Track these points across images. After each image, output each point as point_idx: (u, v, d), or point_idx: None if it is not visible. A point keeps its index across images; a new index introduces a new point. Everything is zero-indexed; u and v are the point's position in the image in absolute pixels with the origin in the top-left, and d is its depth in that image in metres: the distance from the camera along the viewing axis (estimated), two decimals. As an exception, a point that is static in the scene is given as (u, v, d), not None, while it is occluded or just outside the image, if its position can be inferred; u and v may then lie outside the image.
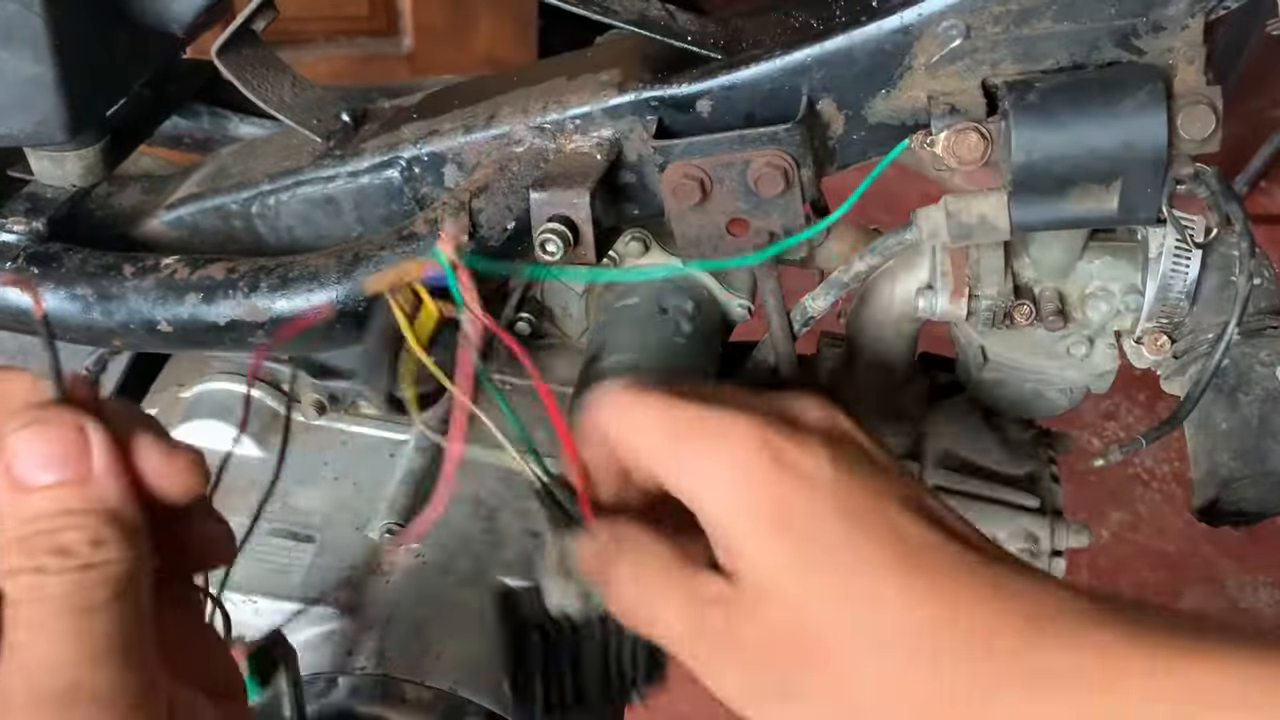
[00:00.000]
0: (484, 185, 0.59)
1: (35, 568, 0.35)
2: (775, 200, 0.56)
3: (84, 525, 0.36)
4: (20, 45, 0.57)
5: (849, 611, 0.42)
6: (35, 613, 0.35)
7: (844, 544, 0.42)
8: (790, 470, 0.43)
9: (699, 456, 0.44)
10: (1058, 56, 0.53)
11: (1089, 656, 0.39)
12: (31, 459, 0.36)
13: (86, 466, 0.36)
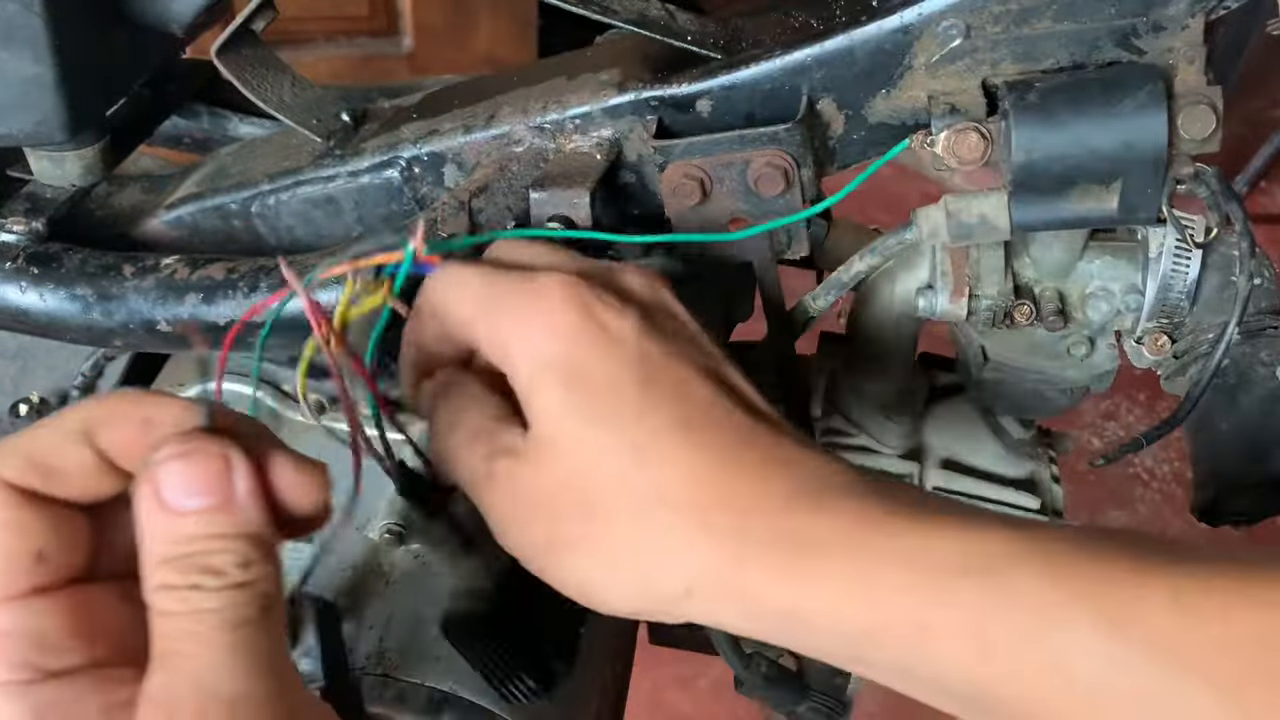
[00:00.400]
0: (484, 185, 0.59)
1: (191, 585, 0.37)
2: (775, 200, 0.56)
3: (232, 548, 0.38)
4: (20, 45, 0.57)
5: (622, 465, 0.43)
6: (195, 626, 0.37)
7: (631, 402, 0.44)
8: (595, 327, 0.45)
9: (511, 315, 0.45)
10: (1058, 56, 0.53)
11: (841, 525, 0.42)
12: (180, 486, 0.38)
13: (231, 492, 0.38)
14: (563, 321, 0.45)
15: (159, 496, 0.38)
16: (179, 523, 0.38)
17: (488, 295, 0.46)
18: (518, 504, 0.45)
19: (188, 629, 0.37)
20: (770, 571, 0.42)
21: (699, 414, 0.44)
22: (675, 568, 0.43)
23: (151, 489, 0.38)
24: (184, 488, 0.38)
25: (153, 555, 0.38)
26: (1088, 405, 2.07)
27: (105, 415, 0.40)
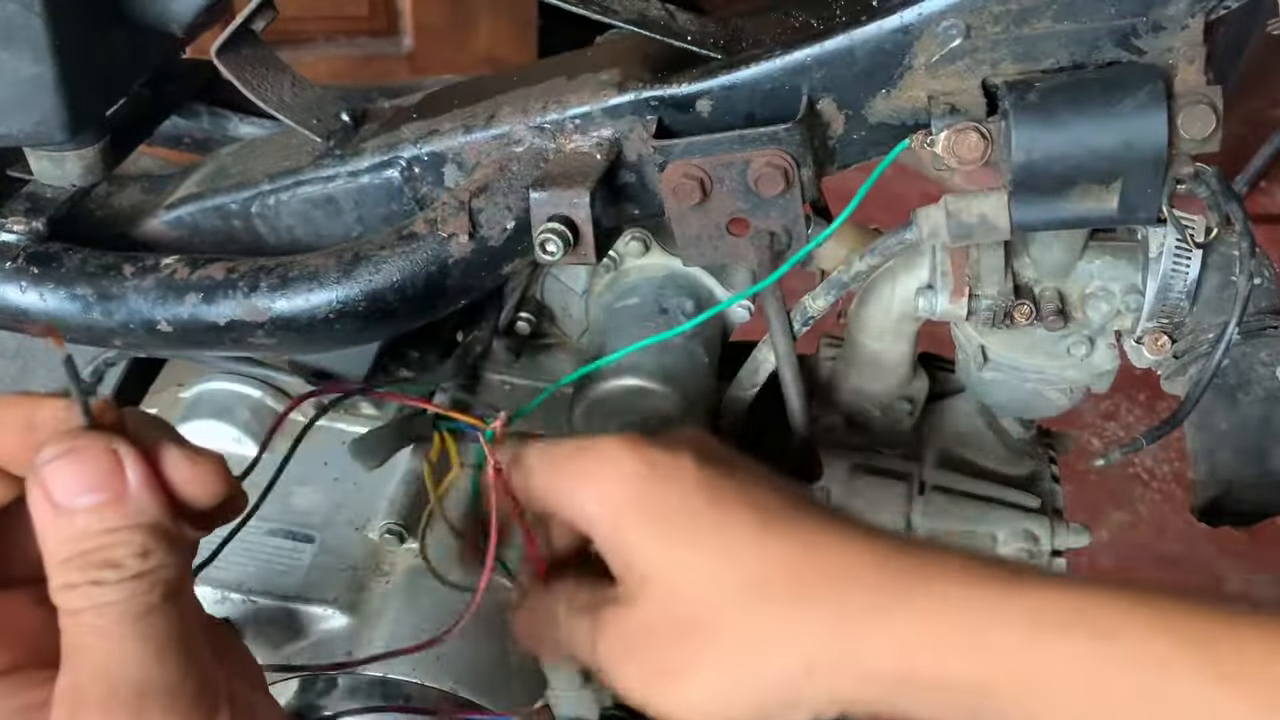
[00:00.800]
0: (484, 185, 0.59)
1: (91, 581, 0.37)
2: (775, 200, 0.56)
3: (129, 540, 0.38)
4: (20, 45, 0.57)
5: (714, 571, 0.46)
6: (98, 620, 0.37)
7: (707, 518, 0.47)
8: (660, 468, 0.48)
9: (581, 476, 0.49)
10: (1058, 56, 0.53)
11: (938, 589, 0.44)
12: (69, 484, 0.38)
13: (122, 485, 0.38)
14: (630, 468, 0.48)
15: (50, 498, 0.38)
16: (73, 521, 0.38)
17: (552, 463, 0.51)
18: (626, 642, 0.48)
19: (91, 623, 0.37)
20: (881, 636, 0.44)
21: (772, 513, 0.47)
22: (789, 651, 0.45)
23: (42, 491, 0.38)
24: (73, 486, 0.38)
25: (53, 556, 0.38)
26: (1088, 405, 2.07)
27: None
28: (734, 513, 0.47)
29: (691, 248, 0.59)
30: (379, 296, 0.59)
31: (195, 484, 0.40)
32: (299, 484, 0.75)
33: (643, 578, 0.47)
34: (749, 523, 0.47)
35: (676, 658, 0.46)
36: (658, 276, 0.76)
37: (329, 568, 0.70)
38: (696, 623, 0.45)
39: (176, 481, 0.40)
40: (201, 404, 0.76)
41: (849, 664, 0.44)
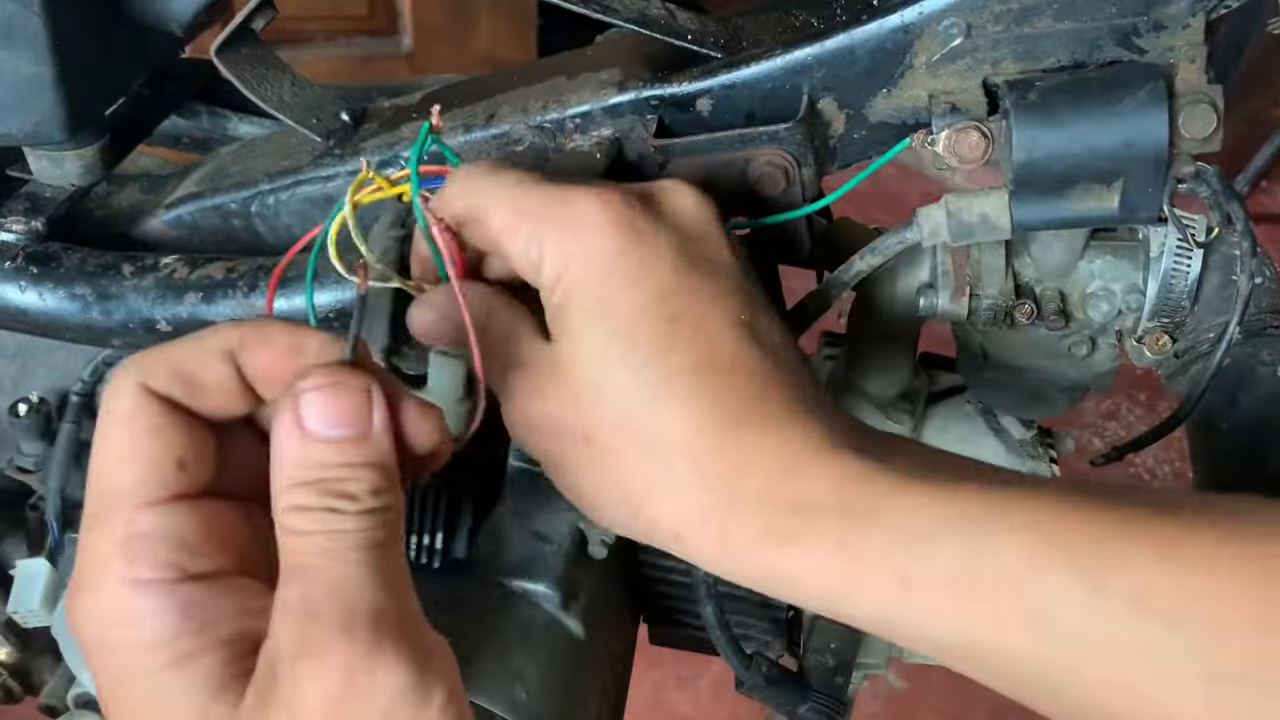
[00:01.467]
0: (484, 184, 0.59)
1: (327, 508, 0.38)
2: (776, 199, 0.56)
3: (365, 477, 0.39)
4: (19, 45, 0.57)
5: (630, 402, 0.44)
6: (332, 544, 0.38)
7: (652, 338, 0.44)
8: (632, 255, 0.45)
9: (547, 232, 0.45)
10: (1059, 55, 0.53)
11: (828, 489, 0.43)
12: (323, 415, 0.39)
13: (368, 425, 0.39)
14: (599, 247, 0.45)
15: (300, 422, 0.39)
16: (316, 449, 0.39)
17: (524, 206, 0.46)
18: (532, 421, 0.47)
19: (325, 546, 0.38)
20: (757, 533, 0.44)
21: (720, 360, 0.45)
22: (664, 512, 0.45)
23: (293, 414, 0.39)
24: (327, 416, 0.39)
25: (287, 477, 0.39)
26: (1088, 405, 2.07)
27: (253, 338, 0.41)
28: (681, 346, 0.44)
29: (692, 247, 0.59)
30: (379, 296, 0.59)
31: (422, 435, 0.41)
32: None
33: (567, 362, 0.45)
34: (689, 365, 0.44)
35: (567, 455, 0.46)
36: (658, 276, 0.76)
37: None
38: (593, 439, 0.45)
39: (406, 428, 0.41)
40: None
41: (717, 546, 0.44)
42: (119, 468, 0.39)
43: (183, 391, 0.40)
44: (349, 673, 0.36)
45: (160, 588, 0.38)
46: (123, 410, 0.39)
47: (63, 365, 0.80)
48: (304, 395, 0.39)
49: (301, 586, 0.38)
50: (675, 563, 0.71)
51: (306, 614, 0.37)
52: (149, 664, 0.37)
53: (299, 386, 0.39)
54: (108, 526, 0.39)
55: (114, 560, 0.38)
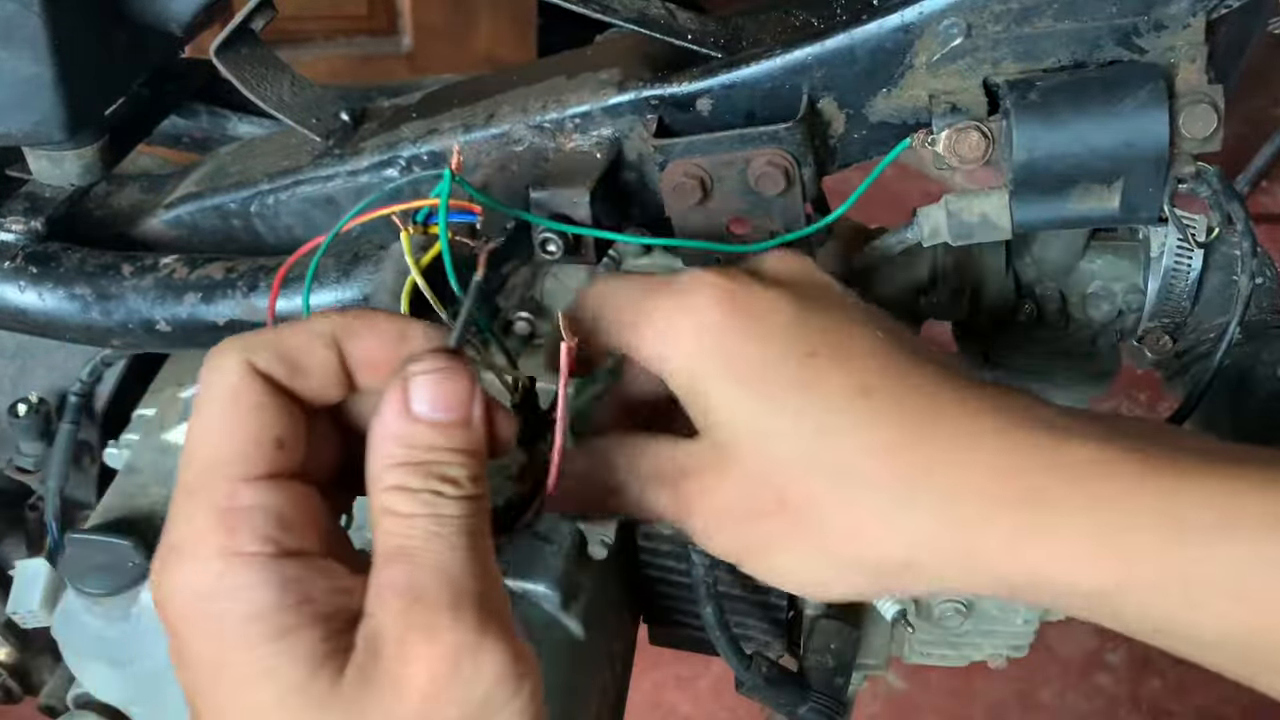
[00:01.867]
0: (484, 184, 0.59)
1: (431, 490, 0.39)
2: (776, 199, 0.56)
3: (465, 464, 0.40)
4: (19, 45, 0.57)
5: (806, 446, 0.42)
6: (436, 527, 0.39)
7: (797, 379, 0.42)
8: (745, 316, 0.43)
9: (660, 316, 0.45)
10: (1059, 55, 0.53)
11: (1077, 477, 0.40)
12: (430, 398, 0.40)
13: (470, 414, 0.40)
14: (710, 316, 0.44)
15: (408, 404, 0.40)
16: (422, 431, 0.40)
17: (632, 300, 0.46)
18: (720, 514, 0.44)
19: (428, 529, 0.38)
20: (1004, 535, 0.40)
21: (875, 378, 0.43)
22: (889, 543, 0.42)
23: (401, 395, 0.40)
24: (434, 400, 0.40)
25: (389, 455, 0.39)
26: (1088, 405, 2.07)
27: (358, 325, 0.42)
28: (831, 376, 0.42)
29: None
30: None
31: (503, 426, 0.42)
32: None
33: (726, 443, 0.43)
34: (848, 389, 0.42)
35: (765, 534, 0.43)
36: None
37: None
38: (785, 502, 0.42)
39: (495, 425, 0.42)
40: (201, 404, 0.76)
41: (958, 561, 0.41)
42: (221, 441, 0.39)
43: (285, 372, 0.40)
44: (456, 654, 0.37)
45: (259, 560, 0.38)
46: (227, 385, 0.40)
47: (62, 365, 0.80)
48: (415, 378, 0.40)
49: (406, 568, 0.38)
50: (675, 563, 0.70)
51: (414, 595, 0.37)
52: (249, 637, 0.37)
53: (410, 369, 0.40)
54: (207, 498, 0.38)
55: (213, 532, 0.38)
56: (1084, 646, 1.75)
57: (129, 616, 0.70)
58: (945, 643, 0.79)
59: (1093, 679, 1.73)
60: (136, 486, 0.74)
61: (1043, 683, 1.71)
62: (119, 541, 0.69)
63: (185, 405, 0.76)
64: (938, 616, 0.76)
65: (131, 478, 0.74)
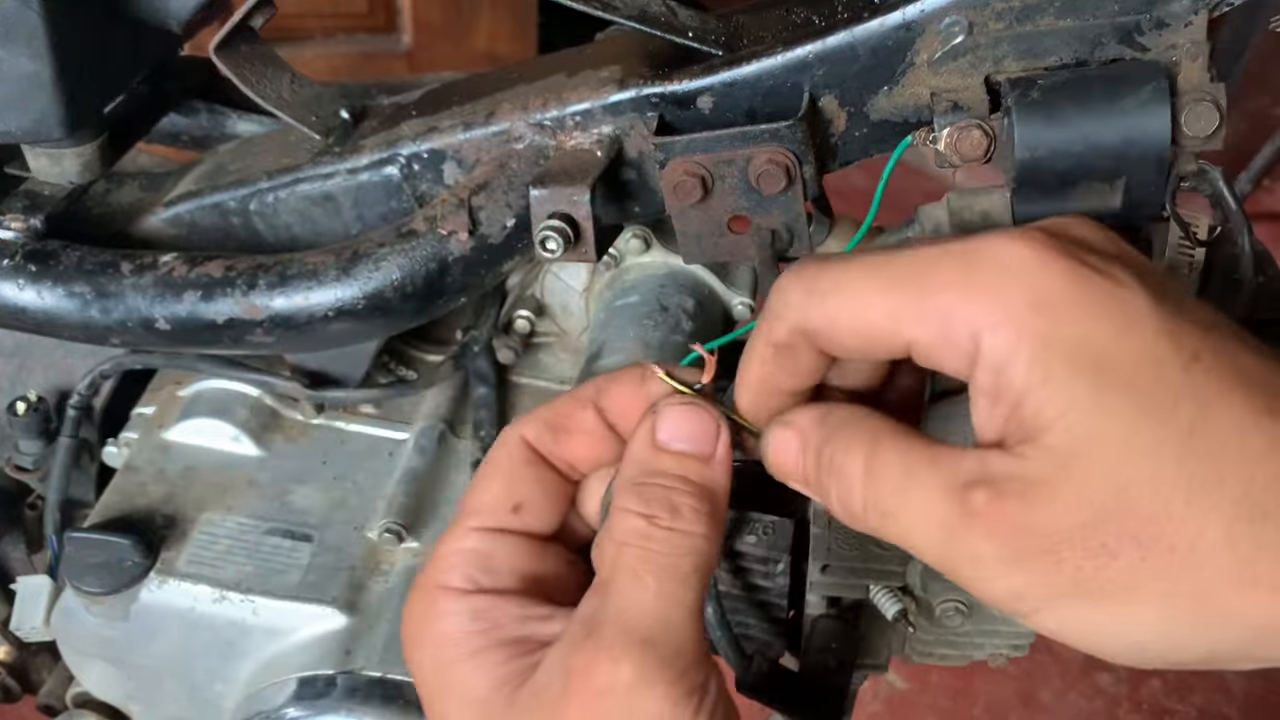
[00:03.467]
0: (484, 182, 0.59)
1: (648, 515, 0.41)
2: (777, 198, 0.56)
3: (694, 495, 0.42)
4: (18, 42, 0.57)
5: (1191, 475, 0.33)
6: (638, 563, 0.41)
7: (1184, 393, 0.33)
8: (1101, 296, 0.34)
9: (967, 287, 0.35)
10: (1061, 53, 0.53)
11: None
12: (674, 427, 0.43)
13: (711, 450, 0.43)
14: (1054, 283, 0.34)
15: (655, 432, 0.43)
16: (661, 457, 0.43)
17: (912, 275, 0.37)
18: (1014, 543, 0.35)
19: (630, 565, 0.41)
20: None
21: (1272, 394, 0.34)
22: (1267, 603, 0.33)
23: (650, 424, 0.44)
24: (677, 430, 0.43)
25: (626, 478, 0.43)
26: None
27: (607, 381, 0.46)
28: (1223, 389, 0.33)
29: (692, 245, 0.59)
30: (378, 295, 0.59)
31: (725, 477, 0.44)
32: (297, 483, 0.74)
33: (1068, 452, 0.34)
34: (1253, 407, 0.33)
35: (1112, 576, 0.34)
36: (658, 274, 0.76)
37: (327, 567, 0.70)
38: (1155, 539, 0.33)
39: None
40: (200, 402, 0.76)
41: None
42: (478, 494, 0.46)
43: (550, 439, 0.46)
44: (607, 698, 0.39)
45: (460, 594, 0.44)
46: (500, 452, 0.46)
47: (61, 364, 0.80)
48: (663, 409, 0.44)
49: (598, 600, 0.41)
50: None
51: (591, 628, 0.40)
52: (448, 655, 0.43)
53: (661, 403, 0.44)
54: (449, 536, 0.46)
55: (438, 566, 0.45)
56: (1084, 646, 1.75)
57: (128, 615, 0.70)
58: (946, 642, 0.79)
59: (1093, 678, 1.72)
60: (136, 485, 0.74)
61: (1043, 682, 1.71)
62: (118, 540, 0.69)
63: (184, 404, 0.76)
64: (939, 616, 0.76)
65: (130, 476, 0.74)
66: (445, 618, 0.44)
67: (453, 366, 0.75)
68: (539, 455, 0.46)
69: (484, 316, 0.77)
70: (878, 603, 0.75)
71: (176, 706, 0.74)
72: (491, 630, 0.43)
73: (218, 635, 0.69)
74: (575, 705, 0.39)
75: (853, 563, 0.70)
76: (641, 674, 0.39)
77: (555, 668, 0.41)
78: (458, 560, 0.45)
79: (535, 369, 0.81)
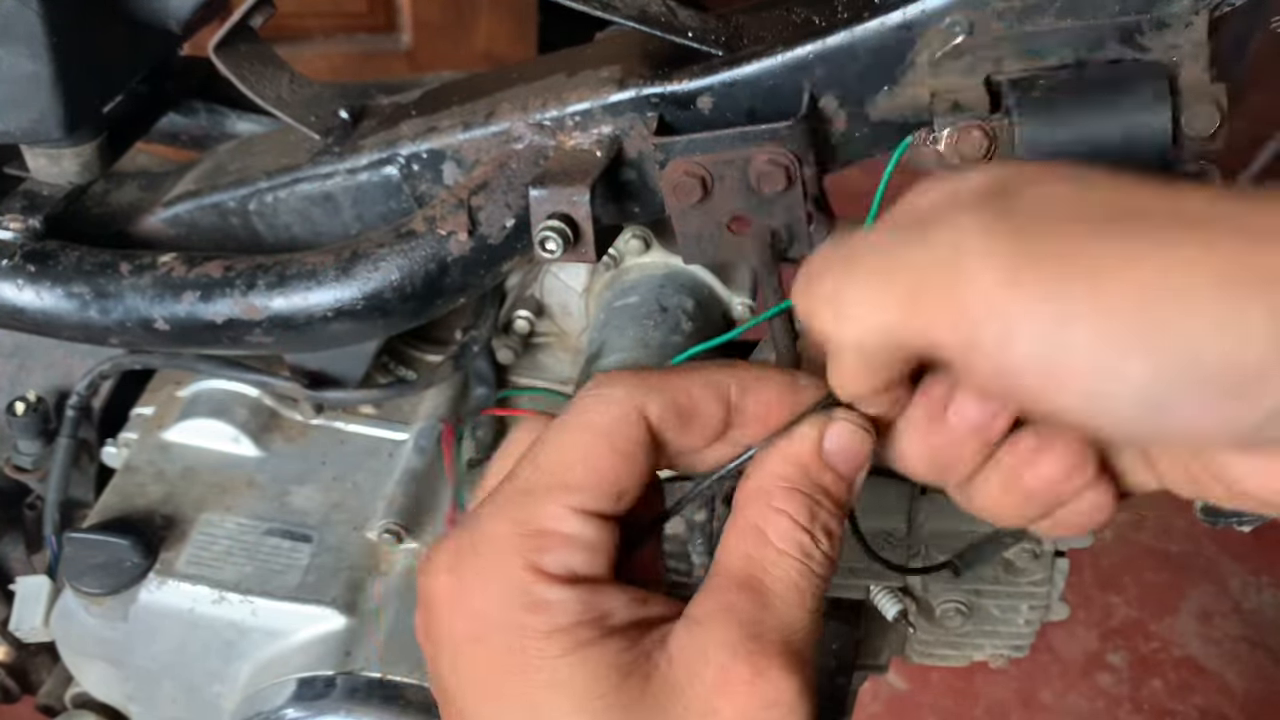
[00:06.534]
0: (483, 182, 0.59)
1: (808, 530, 0.40)
2: (777, 198, 0.56)
3: (838, 521, 0.41)
4: (17, 42, 0.57)
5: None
6: (801, 580, 0.39)
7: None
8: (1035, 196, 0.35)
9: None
10: (1061, 53, 0.53)
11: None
12: (843, 445, 0.41)
13: (857, 478, 0.41)
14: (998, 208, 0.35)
15: (825, 442, 0.41)
16: (823, 470, 0.41)
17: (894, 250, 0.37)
18: None
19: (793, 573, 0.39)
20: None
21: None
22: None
23: (819, 430, 0.41)
24: (845, 449, 0.41)
25: (784, 479, 0.40)
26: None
27: (754, 379, 0.42)
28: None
29: (692, 246, 0.59)
30: (377, 295, 0.59)
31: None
32: (297, 483, 0.74)
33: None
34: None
35: None
36: (658, 275, 0.76)
37: (327, 568, 0.70)
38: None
39: None
40: (199, 402, 0.76)
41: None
42: (576, 466, 0.40)
43: (675, 425, 0.41)
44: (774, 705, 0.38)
45: (564, 582, 0.39)
46: (610, 418, 0.40)
47: (60, 364, 0.80)
48: (839, 421, 0.41)
49: (757, 600, 0.39)
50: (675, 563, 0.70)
51: (756, 631, 0.38)
52: (550, 649, 0.38)
53: (837, 412, 0.41)
54: (535, 509, 0.39)
55: (526, 545, 0.39)
56: (1085, 647, 1.75)
57: (127, 616, 0.70)
58: (946, 642, 0.79)
59: (1094, 679, 1.72)
60: (135, 486, 0.74)
61: (1044, 683, 1.71)
62: (117, 541, 0.69)
63: (183, 404, 0.76)
64: (939, 616, 0.76)
65: (130, 477, 0.74)
66: (546, 609, 0.38)
67: (452, 367, 0.75)
68: (654, 437, 0.41)
69: (484, 317, 0.76)
70: (878, 603, 0.75)
71: (175, 707, 0.74)
72: (604, 619, 0.39)
73: (217, 636, 0.69)
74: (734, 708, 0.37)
75: (853, 563, 0.70)
76: (802, 696, 0.38)
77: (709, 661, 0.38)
78: (559, 544, 0.39)
79: (535, 369, 0.81)
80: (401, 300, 0.59)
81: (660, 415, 0.40)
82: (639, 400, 0.40)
